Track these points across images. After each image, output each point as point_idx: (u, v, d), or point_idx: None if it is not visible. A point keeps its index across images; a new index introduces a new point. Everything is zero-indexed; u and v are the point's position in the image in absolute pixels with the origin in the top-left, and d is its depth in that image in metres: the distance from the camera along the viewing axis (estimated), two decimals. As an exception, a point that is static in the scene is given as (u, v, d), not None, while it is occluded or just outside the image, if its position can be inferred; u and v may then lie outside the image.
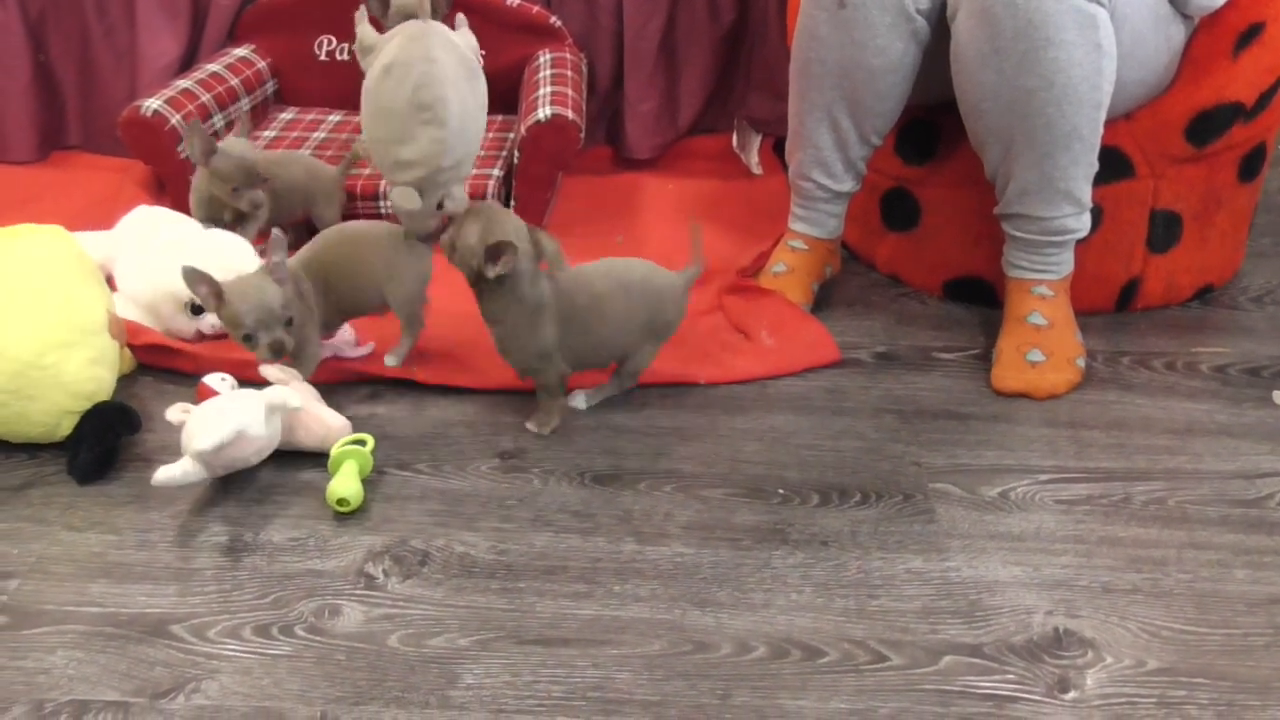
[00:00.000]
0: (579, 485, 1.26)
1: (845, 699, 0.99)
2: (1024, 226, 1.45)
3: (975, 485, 1.26)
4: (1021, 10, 1.30)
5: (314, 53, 2.07)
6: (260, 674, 1.01)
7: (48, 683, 1.00)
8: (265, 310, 1.26)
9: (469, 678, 1.01)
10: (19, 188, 2.01)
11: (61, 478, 1.27)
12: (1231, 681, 1.01)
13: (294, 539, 1.18)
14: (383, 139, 1.33)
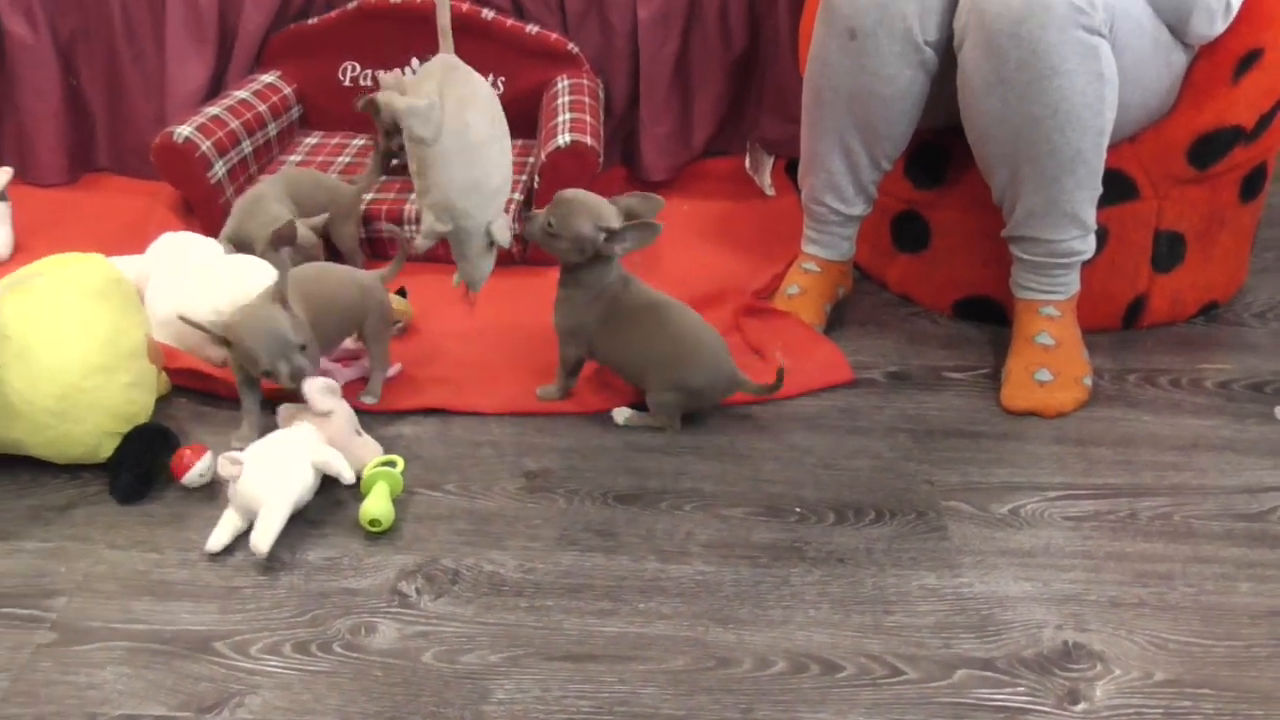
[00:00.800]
0: (602, 504, 1.30)
1: (863, 713, 1.03)
2: (1031, 249, 1.49)
3: (986, 503, 1.30)
4: (1025, 41, 1.34)
5: (338, 78, 2.11)
6: (300, 689, 1.06)
7: (98, 697, 1.05)
8: (278, 340, 1.29)
9: (500, 693, 1.05)
10: (50, 209, 2.06)
11: (103, 498, 1.32)
12: (1236, 692, 1.04)
13: (328, 558, 1.22)
14: (477, 175, 1.37)
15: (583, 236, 1.36)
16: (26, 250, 1.91)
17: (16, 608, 1.15)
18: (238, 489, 1.22)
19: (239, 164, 1.92)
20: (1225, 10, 1.46)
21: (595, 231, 1.36)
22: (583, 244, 1.36)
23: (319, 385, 1.30)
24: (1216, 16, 1.46)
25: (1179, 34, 1.48)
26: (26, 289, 1.32)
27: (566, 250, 1.38)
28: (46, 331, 1.29)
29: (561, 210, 1.37)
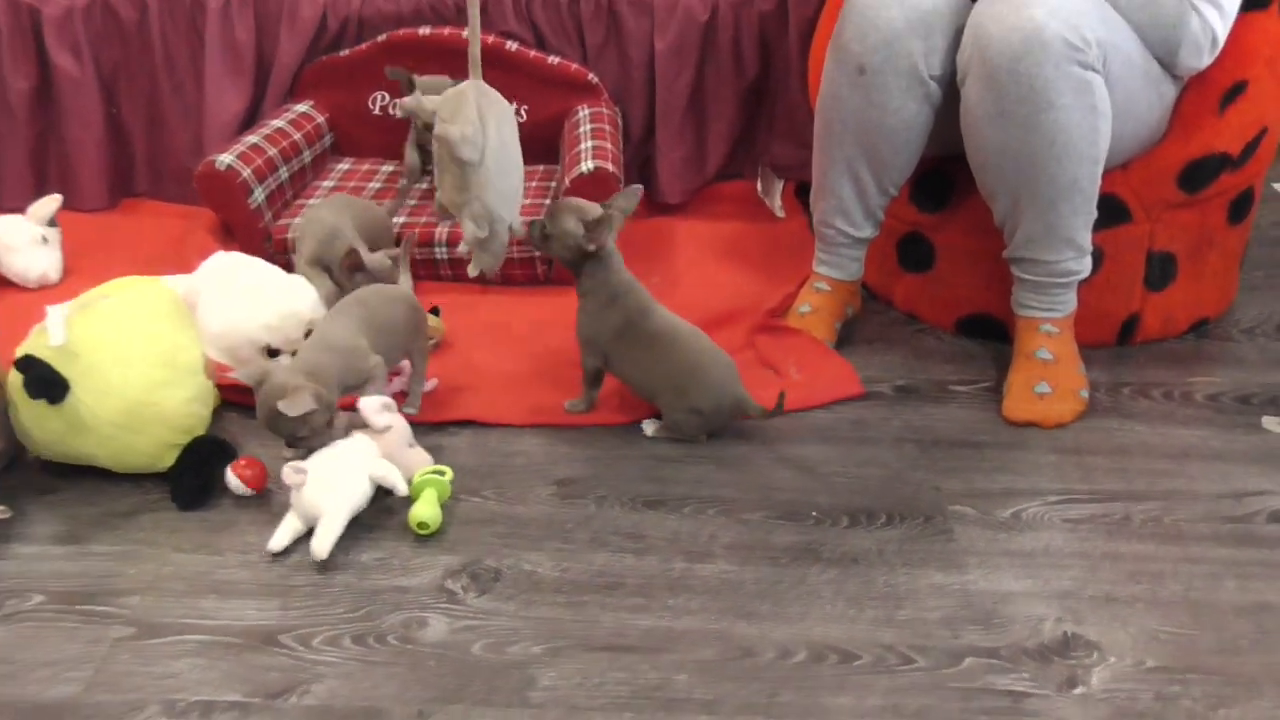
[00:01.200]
0: (630, 509, 1.40)
1: (879, 696, 1.12)
2: (1031, 269, 1.59)
3: (990, 507, 1.39)
4: (1024, 77, 1.44)
5: (368, 107, 2.22)
6: (361, 678, 1.15)
7: (175, 685, 1.14)
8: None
9: (545, 680, 1.14)
10: (93, 233, 2.15)
11: (165, 505, 1.41)
12: (1222, 677, 1.14)
13: (379, 559, 1.31)
14: (511, 184, 1.53)
15: (567, 232, 1.47)
16: (74, 273, 2.00)
17: (93, 605, 1.25)
18: (300, 496, 1.31)
19: (276, 190, 2.02)
20: (1211, 44, 1.55)
21: (578, 225, 1.47)
22: (568, 239, 1.48)
23: (376, 403, 1.39)
24: (1204, 50, 1.55)
25: (1168, 66, 1.58)
26: (94, 311, 1.42)
27: (559, 250, 1.50)
28: (113, 350, 1.39)
29: (552, 212, 1.50)
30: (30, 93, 2.20)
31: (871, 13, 1.55)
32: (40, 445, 1.43)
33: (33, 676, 1.15)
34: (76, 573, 1.30)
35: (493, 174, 1.49)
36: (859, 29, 1.56)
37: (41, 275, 1.96)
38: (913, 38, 1.54)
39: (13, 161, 2.24)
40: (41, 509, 1.41)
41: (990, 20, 1.45)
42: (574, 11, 2.14)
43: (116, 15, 2.17)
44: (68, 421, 1.37)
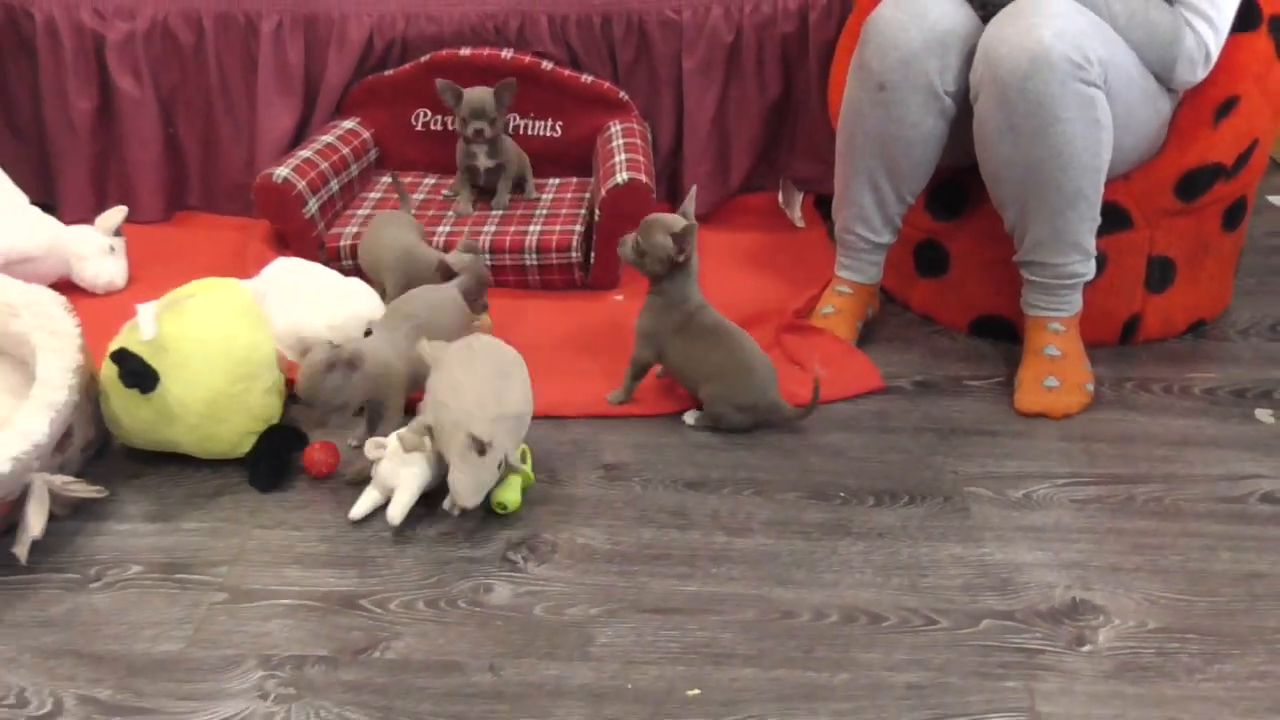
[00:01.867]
0: (673, 490, 1.52)
1: (905, 652, 1.24)
2: (1039, 272, 1.71)
3: (1003, 488, 1.51)
4: (1031, 94, 1.56)
5: (411, 123, 2.35)
6: (436, 636, 1.27)
7: (269, 643, 1.26)
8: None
9: (602, 638, 1.26)
10: (151, 244, 2.27)
11: (244, 487, 1.54)
12: (1216, 637, 1.25)
13: (444, 532, 1.44)
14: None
15: (658, 244, 1.60)
16: (138, 281, 2.13)
17: (187, 574, 1.37)
18: (380, 470, 1.44)
19: (328, 201, 2.15)
20: (1205, 59, 1.67)
21: (666, 238, 1.59)
22: (660, 252, 1.60)
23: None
24: (1198, 65, 1.67)
25: (1165, 81, 1.70)
26: (180, 309, 1.54)
27: (652, 263, 1.62)
28: (198, 345, 1.51)
29: (645, 230, 1.62)
30: (92, 113, 2.34)
31: (891, 33, 1.68)
32: (129, 433, 1.55)
33: (140, 635, 1.27)
34: (169, 546, 1.42)
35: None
36: (879, 49, 1.69)
37: (109, 282, 2.09)
38: (929, 57, 1.67)
39: (75, 178, 2.37)
40: (132, 491, 1.53)
41: (1000, 42, 1.58)
42: (606, 33, 2.28)
43: (175, 39, 2.30)
44: (157, 410, 1.50)
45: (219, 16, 2.29)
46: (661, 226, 1.61)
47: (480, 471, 1.38)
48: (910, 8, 1.68)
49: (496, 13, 2.28)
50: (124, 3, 2.29)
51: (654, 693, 1.19)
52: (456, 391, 1.42)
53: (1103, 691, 1.18)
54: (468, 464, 1.38)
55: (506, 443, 1.41)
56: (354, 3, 2.29)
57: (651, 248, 1.61)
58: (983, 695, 1.18)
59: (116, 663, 1.24)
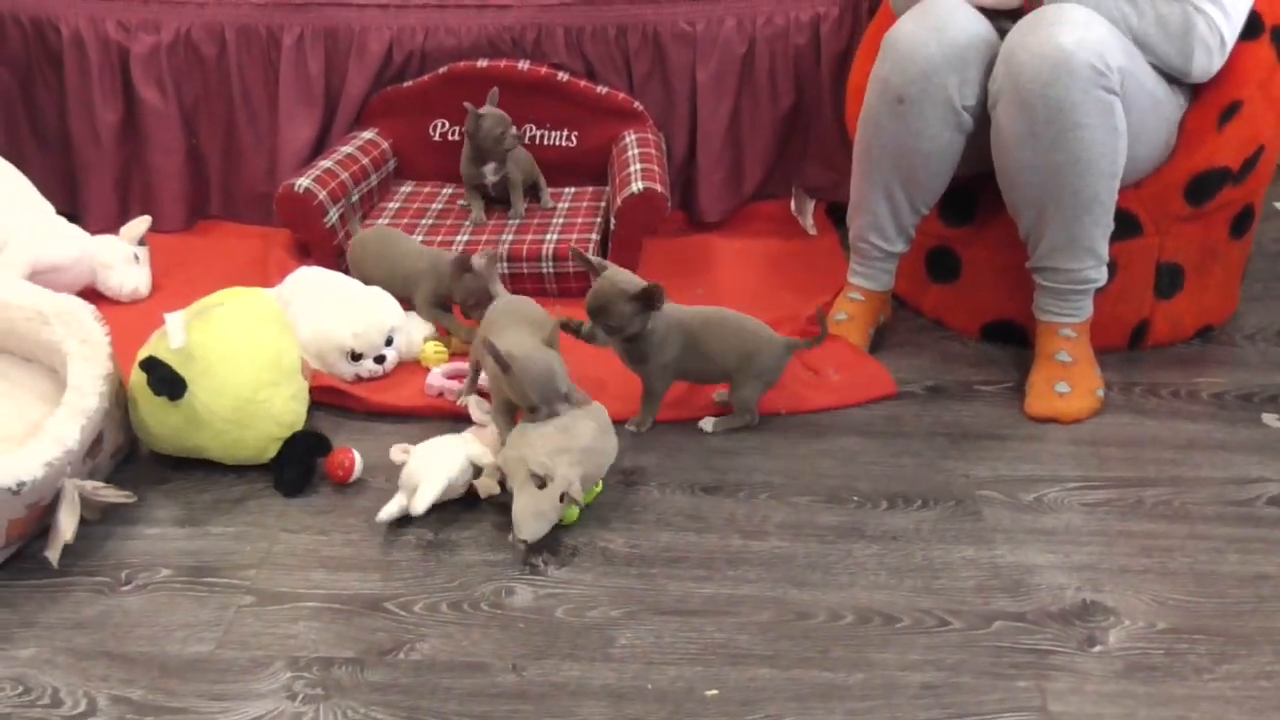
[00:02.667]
0: (690, 494, 1.55)
1: (919, 652, 1.26)
2: (1053, 278, 1.73)
3: (1014, 491, 1.54)
4: (1053, 100, 1.59)
5: (429, 134, 2.38)
6: (460, 637, 1.30)
7: (297, 644, 1.29)
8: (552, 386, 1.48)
9: (622, 639, 1.29)
10: (175, 253, 2.31)
11: (270, 492, 1.57)
12: (1224, 638, 1.28)
13: (468, 536, 1.47)
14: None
15: (625, 315, 1.57)
16: (161, 289, 2.17)
17: (215, 577, 1.41)
18: (405, 471, 1.47)
19: (348, 210, 2.19)
20: (1220, 45, 1.68)
21: (629, 304, 1.57)
22: (629, 322, 1.58)
23: (479, 403, 1.54)
24: (1214, 52, 1.68)
25: (1184, 76, 1.71)
26: (208, 318, 1.58)
27: (633, 330, 1.59)
28: (225, 353, 1.55)
29: (600, 313, 1.58)
30: (117, 124, 2.38)
31: (911, 48, 1.70)
32: (157, 439, 1.59)
33: (171, 636, 1.31)
34: (197, 550, 1.46)
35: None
36: (899, 63, 1.71)
37: (134, 290, 2.13)
38: (949, 72, 1.69)
39: (100, 188, 2.42)
40: (160, 496, 1.57)
41: (1022, 49, 1.61)
42: (621, 44, 2.31)
43: (198, 51, 2.34)
44: (185, 417, 1.53)
45: (241, 29, 2.33)
46: (618, 295, 1.56)
47: (540, 502, 1.40)
48: (930, 21, 1.70)
49: (513, 25, 2.32)
50: (149, 16, 2.33)
51: (674, 693, 1.22)
52: (521, 428, 1.47)
53: (1113, 691, 1.21)
54: (528, 495, 1.40)
55: (571, 475, 1.42)
56: (374, 15, 2.33)
57: (621, 321, 1.57)
58: (995, 695, 1.21)
59: (149, 664, 1.27)
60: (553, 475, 1.40)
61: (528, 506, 1.40)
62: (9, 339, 1.65)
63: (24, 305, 1.61)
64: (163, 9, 2.32)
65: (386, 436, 1.68)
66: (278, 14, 2.32)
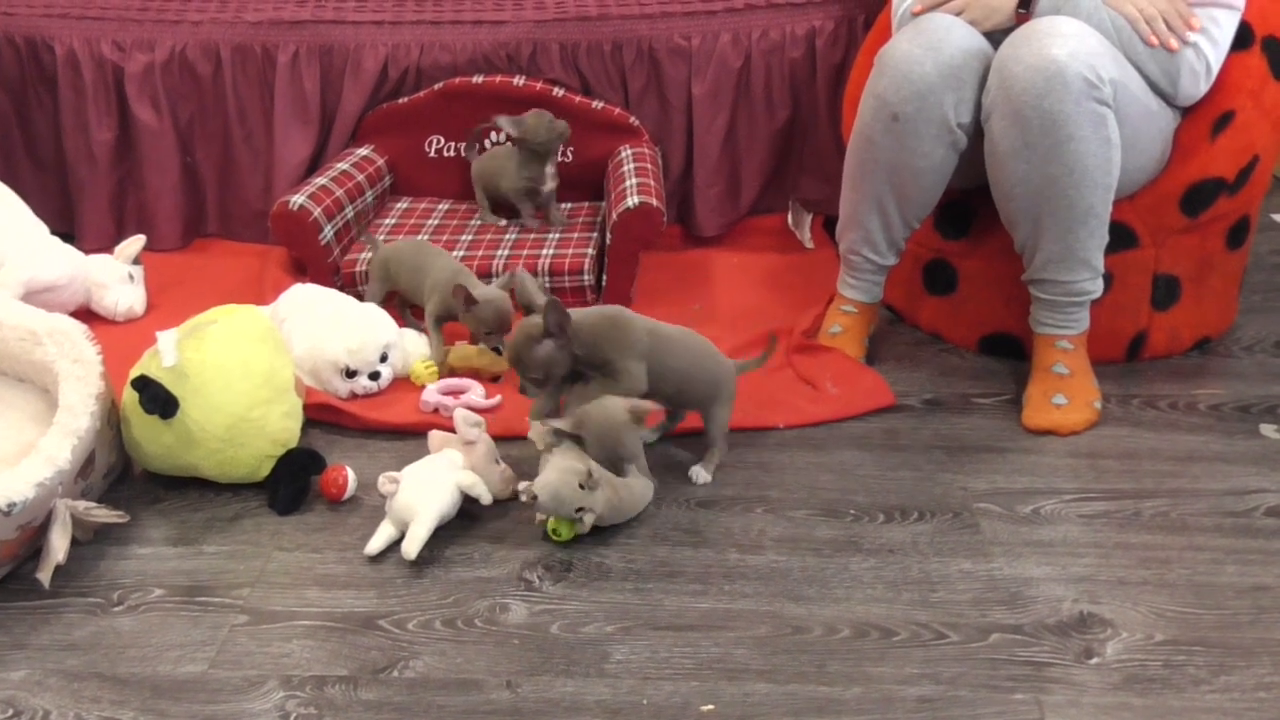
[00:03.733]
0: (686, 509, 1.54)
1: (916, 666, 1.26)
2: (1049, 290, 1.73)
3: (1012, 504, 1.53)
4: (1047, 112, 1.59)
5: (425, 150, 2.39)
6: (454, 654, 1.29)
7: (290, 663, 1.29)
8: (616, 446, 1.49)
9: (618, 655, 1.28)
10: (170, 272, 2.32)
11: (263, 510, 1.56)
12: (1222, 649, 1.27)
13: (462, 553, 1.46)
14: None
15: (545, 354, 1.53)
16: (157, 308, 2.17)
17: (209, 596, 1.40)
18: (394, 503, 1.46)
19: (344, 227, 2.19)
20: (1207, 71, 1.69)
21: (540, 343, 1.53)
22: (552, 359, 1.54)
23: (467, 418, 1.53)
24: (1200, 76, 1.69)
25: (1170, 97, 1.72)
26: (201, 336, 1.58)
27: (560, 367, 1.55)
28: (218, 371, 1.55)
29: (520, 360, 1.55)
30: (112, 143, 2.39)
31: (906, 66, 1.69)
32: (150, 458, 1.58)
33: (163, 657, 1.30)
34: (190, 569, 1.45)
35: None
36: (894, 81, 1.70)
37: (129, 310, 2.13)
38: (945, 90, 1.68)
39: (94, 207, 2.42)
40: (153, 515, 1.56)
41: (1014, 62, 1.61)
42: (617, 59, 2.32)
43: (193, 70, 2.35)
44: (178, 436, 1.53)
45: (236, 48, 2.33)
46: (526, 341, 1.53)
47: (569, 489, 1.41)
48: (926, 40, 1.70)
49: (509, 41, 2.33)
50: (143, 35, 2.34)
51: (669, 708, 1.21)
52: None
53: (1110, 703, 1.20)
54: (560, 475, 1.42)
55: (598, 502, 1.43)
56: (369, 33, 2.34)
57: (547, 361, 1.53)
58: (992, 708, 1.20)
59: (140, 685, 1.26)
60: (594, 494, 1.42)
61: (555, 483, 1.40)
62: (1, 359, 1.64)
63: (16, 325, 1.61)
64: (157, 28, 2.33)
65: (381, 453, 1.68)
66: (273, 32, 2.33)
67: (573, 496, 1.41)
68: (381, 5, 2.41)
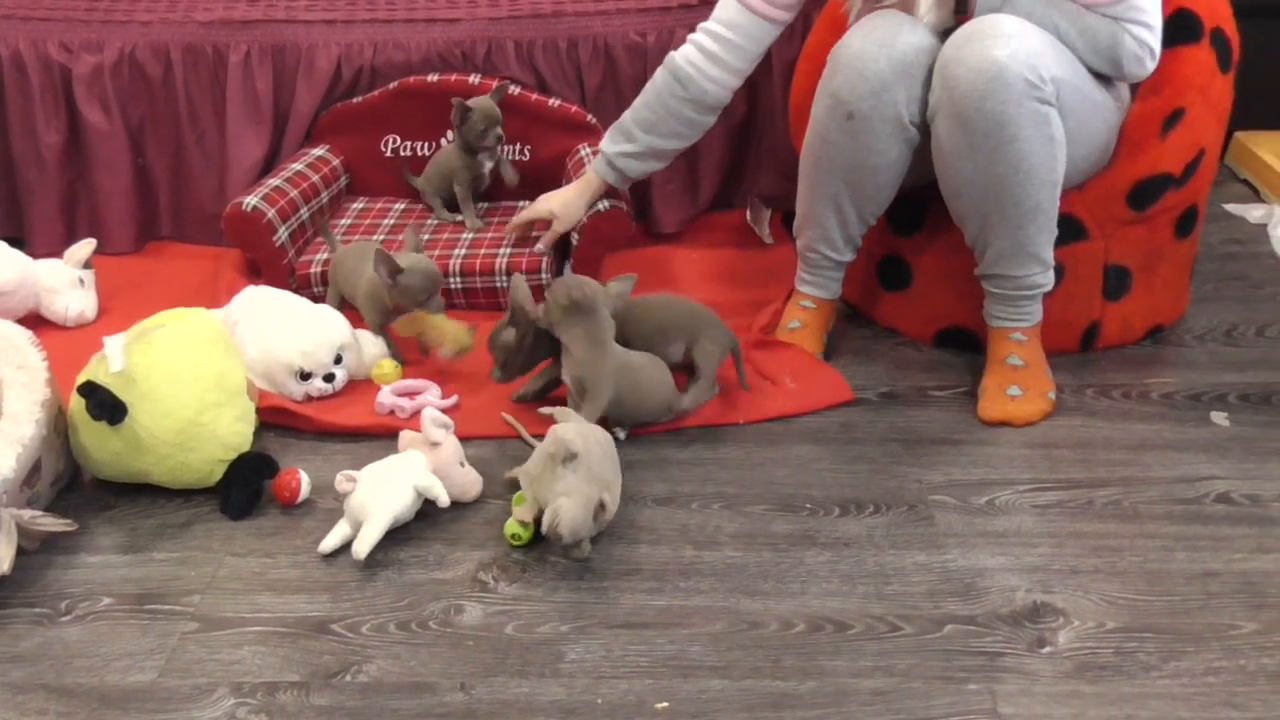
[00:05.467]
0: (643, 506, 1.54)
1: (870, 659, 1.26)
2: (1001, 284, 1.74)
3: (966, 495, 1.54)
4: (989, 113, 1.59)
5: (381, 150, 2.37)
6: (408, 658, 1.28)
7: (241, 670, 1.27)
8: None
9: (572, 654, 1.28)
10: (123, 275, 2.28)
11: (215, 515, 1.55)
12: (1172, 635, 1.28)
13: (416, 555, 1.45)
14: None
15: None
16: (109, 312, 2.14)
17: (159, 604, 1.38)
18: (350, 502, 1.45)
19: (299, 229, 2.16)
20: (1150, 54, 1.68)
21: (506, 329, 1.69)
22: (515, 350, 1.70)
23: (433, 418, 1.51)
24: (1144, 60, 1.68)
25: (1121, 78, 1.73)
26: (149, 340, 1.55)
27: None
28: (167, 375, 1.52)
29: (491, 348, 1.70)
30: (61, 145, 2.34)
31: (860, 64, 1.69)
32: (99, 465, 1.56)
33: (111, 666, 1.28)
34: (140, 577, 1.43)
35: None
36: (849, 79, 1.70)
37: (79, 315, 2.10)
38: (899, 87, 1.68)
39: (44, 211, 2.38)
40: (102, 523, 1.54)
41: (957, 63, 1.61)
42: (573, 57, 2.31)
43: (143, 71, 2.32)
44: (126, 442, 1.51)
45: (186, 48, 2.30)
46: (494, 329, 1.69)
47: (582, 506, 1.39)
48: (878, 37, 1.69)
49: (464, 39, 2.31)
50: (91, 36, 2.30)
51: (624, 706, 1.20)
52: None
53: (1062, 691, 1.20)
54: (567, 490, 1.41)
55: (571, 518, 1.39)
56: (321, 32, 2.31)
57: (505, 347, 1.71)
58: (946, 699, 1.20)
59: (88, 695, 1.24)
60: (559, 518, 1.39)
61: (579, 516, 1.38)
62: (-55, 366, 1.62)
63: (-40, 331, 1.58)
64: (105, 29, 2.30)
65: (336, 456, 1.66)
66: (223, 32, 2.30)
67: (589, 526, 1.39)
68: (334, 4, 2.39)
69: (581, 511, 1.37)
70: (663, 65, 1.93)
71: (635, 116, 1.96)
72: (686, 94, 1.90)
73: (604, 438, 1.50)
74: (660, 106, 1.92)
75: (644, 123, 1.94)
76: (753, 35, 1.86)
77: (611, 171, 2.00)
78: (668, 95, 1.91)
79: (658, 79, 1.93)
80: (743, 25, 1.86)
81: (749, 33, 1.86)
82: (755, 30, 1.86)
